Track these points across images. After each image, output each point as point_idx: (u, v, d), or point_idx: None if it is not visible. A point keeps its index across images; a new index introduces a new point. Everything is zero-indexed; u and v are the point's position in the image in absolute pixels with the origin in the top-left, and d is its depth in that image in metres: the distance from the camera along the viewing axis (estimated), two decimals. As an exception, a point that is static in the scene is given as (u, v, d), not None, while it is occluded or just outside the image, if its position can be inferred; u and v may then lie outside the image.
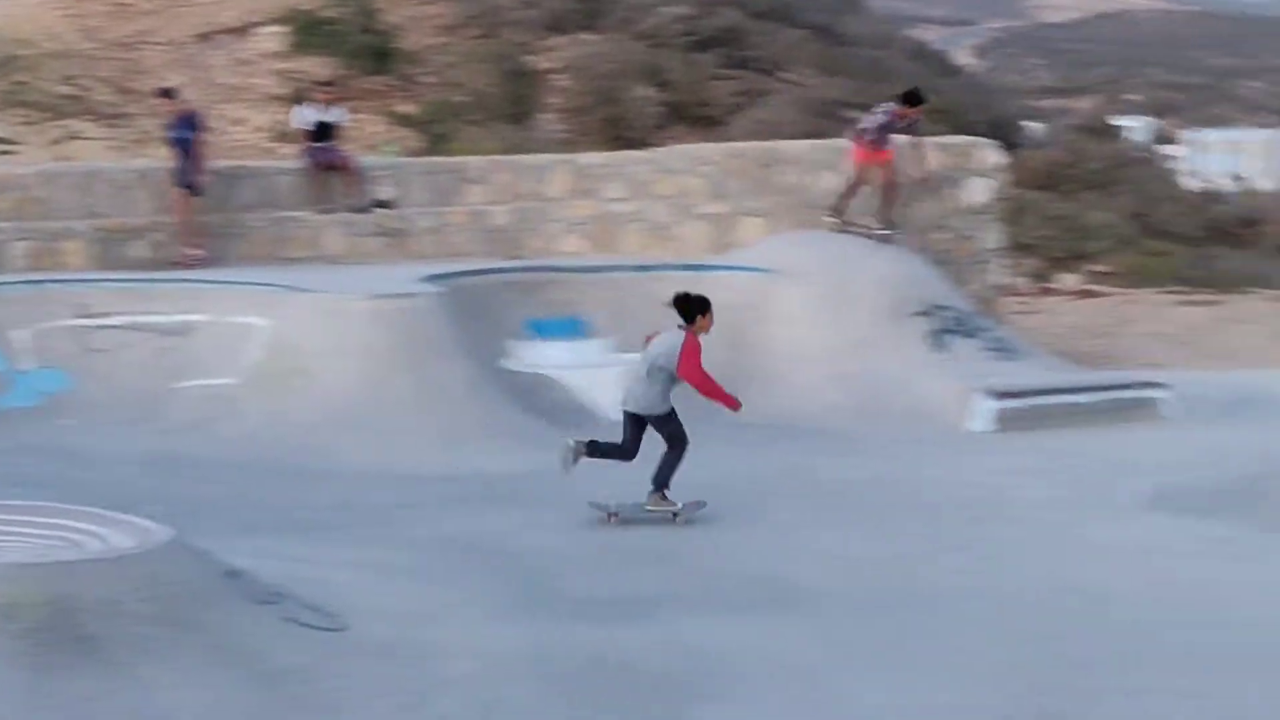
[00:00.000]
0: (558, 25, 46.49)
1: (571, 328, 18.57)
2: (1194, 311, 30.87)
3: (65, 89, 39.63)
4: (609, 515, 13.18)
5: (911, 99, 21.40)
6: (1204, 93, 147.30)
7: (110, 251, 20.15)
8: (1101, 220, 43.30)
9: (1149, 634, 10.03)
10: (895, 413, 18.03)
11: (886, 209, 21.43)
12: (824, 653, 9.58)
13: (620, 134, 40.11)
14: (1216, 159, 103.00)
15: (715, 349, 18.82)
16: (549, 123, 42.64)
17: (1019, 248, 36.59)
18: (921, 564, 11.88)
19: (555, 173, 23.30)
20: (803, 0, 56.95)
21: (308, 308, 17.38)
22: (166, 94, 22.11)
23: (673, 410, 13.12)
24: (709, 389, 13.00)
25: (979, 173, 22.97)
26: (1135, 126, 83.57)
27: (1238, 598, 10.85)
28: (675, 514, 13.11)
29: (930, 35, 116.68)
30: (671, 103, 44.11)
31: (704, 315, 13.00)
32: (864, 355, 18.98)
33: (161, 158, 21.87)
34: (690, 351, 12.78)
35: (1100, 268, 39.10)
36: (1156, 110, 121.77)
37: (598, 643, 9.56)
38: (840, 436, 17.20)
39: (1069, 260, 39.91)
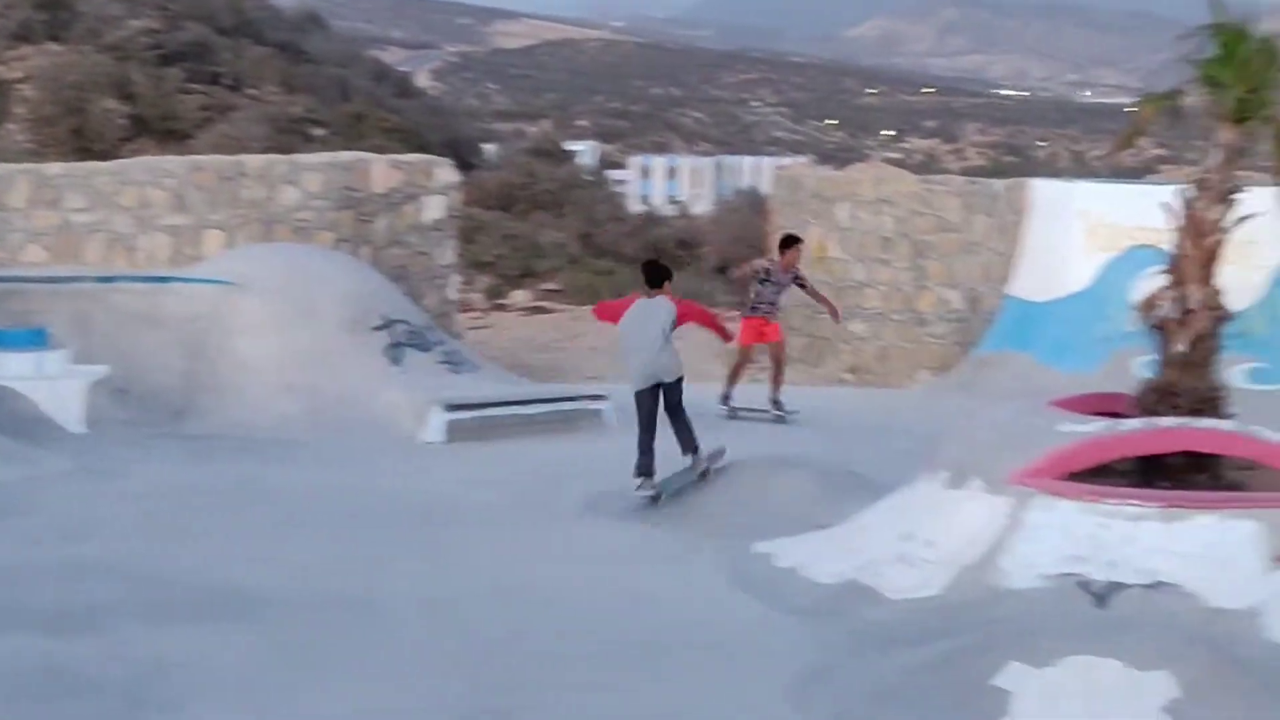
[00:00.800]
0: (24, 34, 44.82)
1: (33, 338, 17.92)
2: (634, 327, 31.80)
3: None
4: (656, 498, 13.66)
5: (787, 242, 20.32)
6: (647, 120, 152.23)
7: None
8: (552, 240, 44.32)
9: (589, 631, 10.32)
10: (353, 424, 18.05)
11: (775, 389, 20.28)
12: (274, 659, 9.53)
13: (86, 145, 38.95)
14: (658, 184, 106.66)
15: (174, 359, 18.62)
16: (13, 133, 41.06)
17: (474, 265, 37.16)
18: (374, 569, 11.93)
19: (16, 182, 22.53)
20: (268, 17, 56.42)
21: None
22: None
23: None
24: (714, 321, 14.53)
25: (435, 190, 23.21)
26: (584, 151, 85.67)
27: (664, 596, 11.31)
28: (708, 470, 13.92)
29: (392, 57, 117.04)
30: (138, 115, 43.08)
31: (669, 280, 13.67)
32: (324, 367, 18.92)
33: None
34: (685, 301, 13.74)
35: (550, 285, 40.01)
36: (603, 136, 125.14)
37: (51, 654, 9.32)
38: (297, 446, 17.10)
39: (521, 278, 40.70)
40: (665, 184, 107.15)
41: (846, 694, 9.15)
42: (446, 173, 23.48)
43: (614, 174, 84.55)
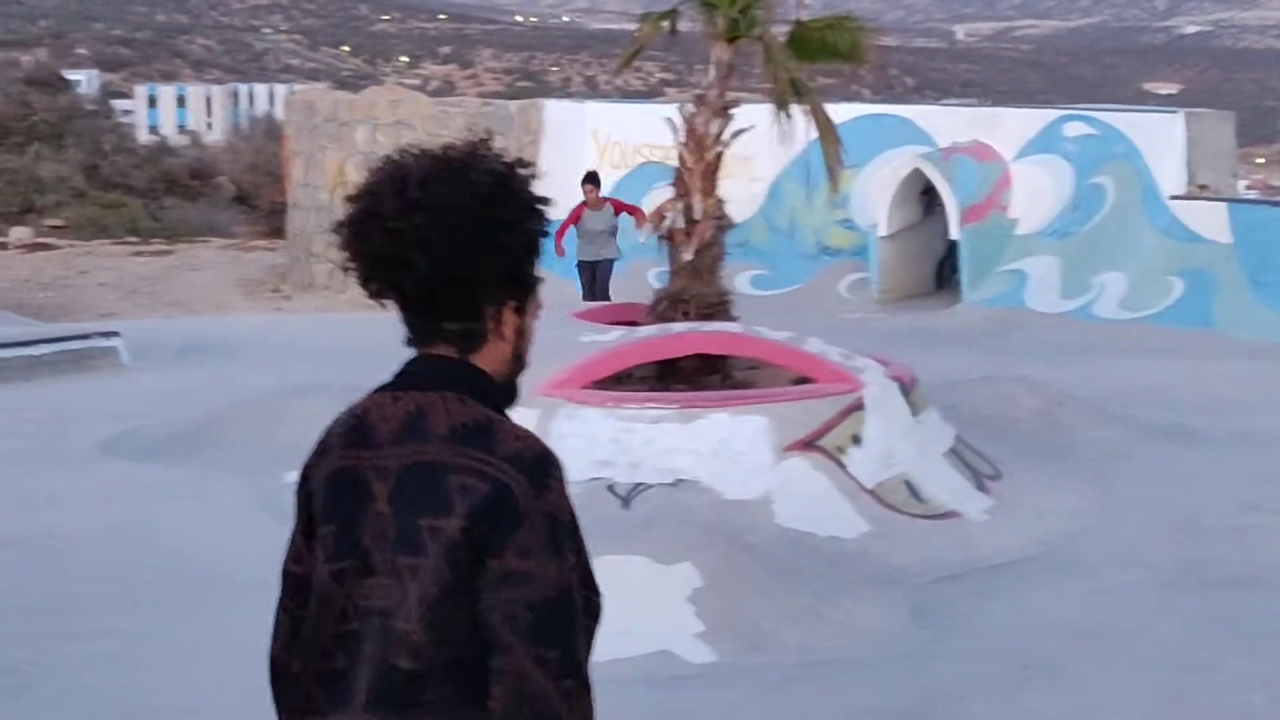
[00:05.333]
0: None
1: None
2: (148, 261, 31.11)
3: None
4: None
5: None
6: (152, 48, 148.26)
7: None
8: (53, 173, 42.84)
9: (107, 577, 9.95)
10: None
11: None
12: None
13: None
14: (167, 113, 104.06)
15: None
16: None
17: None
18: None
19: None
20: None
21: None
22: None
23: None
24: None
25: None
26: (83, 80, 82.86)
27: (191, 532, 11.07)
28: None
29: None
30: None
31: None
32: None
33: None
34: None
35: (53, 221, 38.71)
36: (105, 65, 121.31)
37: None
38: None
39: (20, 214, 39.25)
40: (175, 113, 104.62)
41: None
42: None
43: (119, 104, 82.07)
